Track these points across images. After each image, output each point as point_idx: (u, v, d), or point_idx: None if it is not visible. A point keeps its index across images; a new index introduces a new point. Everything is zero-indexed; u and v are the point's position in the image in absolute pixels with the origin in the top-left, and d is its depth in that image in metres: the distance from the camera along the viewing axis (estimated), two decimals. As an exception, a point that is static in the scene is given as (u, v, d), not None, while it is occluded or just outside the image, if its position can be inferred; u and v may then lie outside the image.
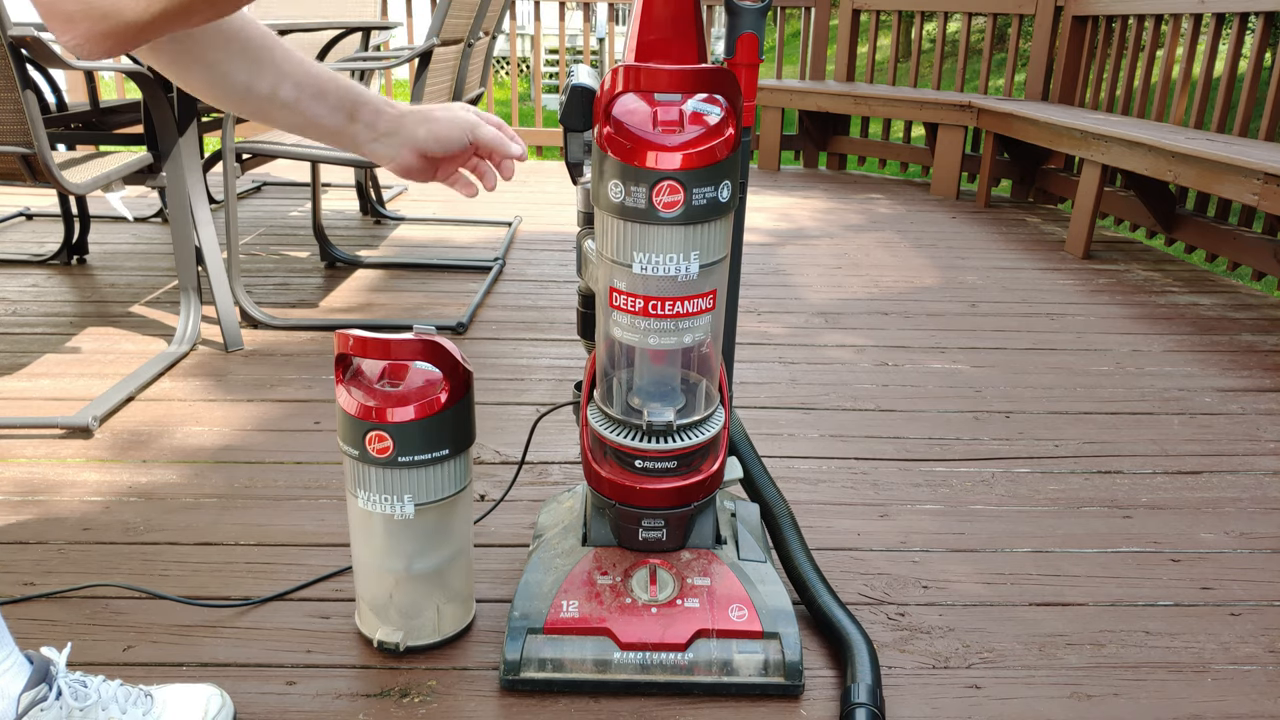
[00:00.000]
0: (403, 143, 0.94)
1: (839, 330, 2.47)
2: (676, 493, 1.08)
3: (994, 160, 4.10)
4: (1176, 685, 1.18)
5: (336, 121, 0.92)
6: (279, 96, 0.89)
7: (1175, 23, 3.48)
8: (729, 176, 0.94)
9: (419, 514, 1.11)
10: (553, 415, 1.85)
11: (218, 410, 1.87)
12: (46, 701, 0.90)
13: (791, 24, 11.65)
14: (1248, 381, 2.18)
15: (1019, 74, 4.70)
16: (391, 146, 0.94)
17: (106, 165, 1.92)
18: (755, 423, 1.89)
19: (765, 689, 1.12)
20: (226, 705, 1.05)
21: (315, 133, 0.93)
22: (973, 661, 1.21)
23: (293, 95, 0.89)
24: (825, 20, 4.91)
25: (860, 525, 1.53)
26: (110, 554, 1.38)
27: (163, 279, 2.72)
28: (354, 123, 0.92)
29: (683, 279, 0.96)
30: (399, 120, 0.93)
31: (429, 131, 0.94)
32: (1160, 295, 2.87)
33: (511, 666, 1.11)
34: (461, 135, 0.95)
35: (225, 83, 0.87)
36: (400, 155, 0.94)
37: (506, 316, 2.51)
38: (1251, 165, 2.49)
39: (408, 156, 0.94)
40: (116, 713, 0.95)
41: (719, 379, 1.11)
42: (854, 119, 4.80)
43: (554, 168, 4.84)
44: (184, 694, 1.03)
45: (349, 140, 0.93)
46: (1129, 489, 1.67)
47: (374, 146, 0.94)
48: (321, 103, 0.91)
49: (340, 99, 0.91)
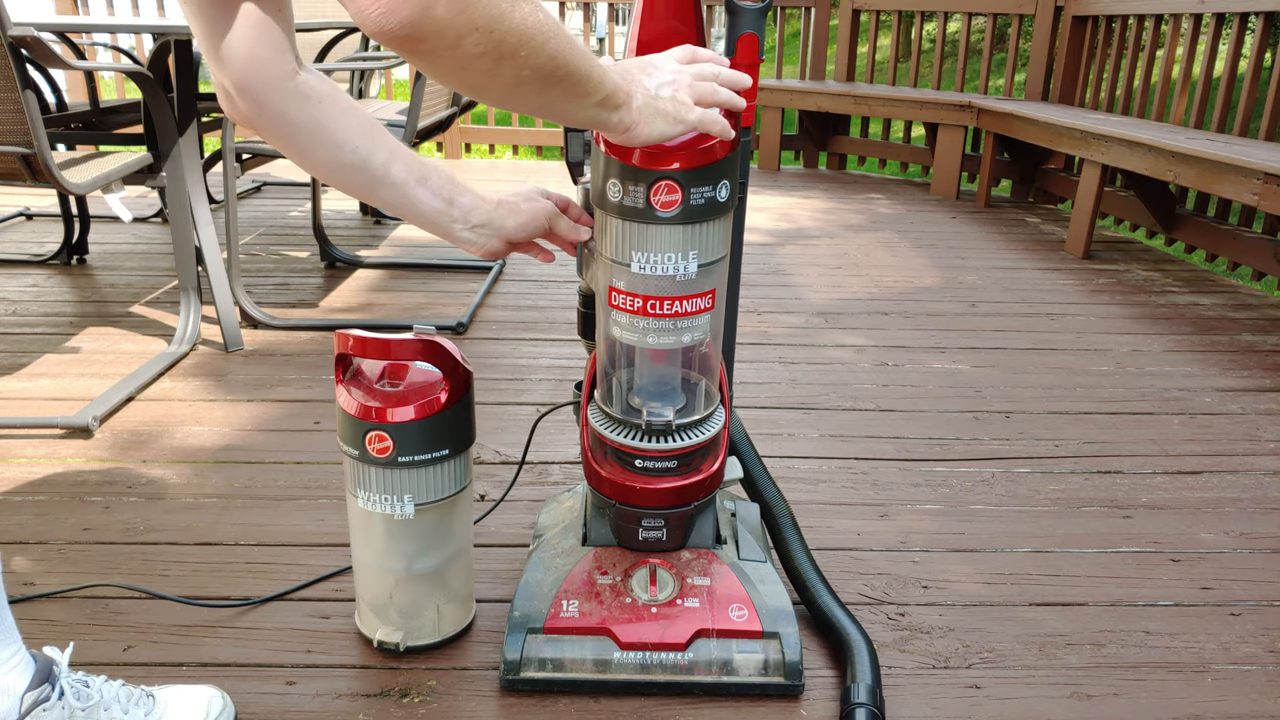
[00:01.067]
0: (493, 233, 0.99)
1: (839, 330, 2.47)
2: (676, 492, 1.08)
3: (994, 160, 4.10)
4: (1176, 685, 1.18)
5: (435, 206, 0.96)
6: (390, 175, 0.93)
7: (1175, 23, 3.48)
8: (727, 176, 0.94)
9: (419, 514, 1.11)
10: (553, 415, 1.85)
11: (218, 410, 1.87)
12: (49, 701, 0.91)
13: (791, 24, 11.65)
14: (1248, 381, 2.18)
15: (1019, 74, 4.71)
16: (483, 236, 0.99)
17: (106, 165, 1.93)
18: (755, 423, 1.89)
19: (765, 689, 1.12)
20: (227, 706, 1.05)
21: (413, 215, 0.97)
22: (973, 661, 1.21)
23: (401, 176, 0.93)
24: (825, 20, 4.91)
25: (860, 525, 1.53)
26: (110, 554, 1.38)
27: (163, 279, 2.73)
28: (451, 208, 0.97)
29: (681, 278, 0.96)
30: (492, 213, 0.99)
31: (517, 224, 1.00)
32: (1160, 295, 2.87)
33: (511, 666, 1.11)
34: (542, 226, 1.02)
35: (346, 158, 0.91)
36: (490, 244, 1.00)
37: (506, 316, 2.51)
38: (1251, 165, 2.49)
39: (496, 245, 1.00)
40: (119, 713, 0.96)
41: (719, 379, 1.11)
42: (854, 119, 4.80)
43: (554, 168, 4.85)
44: (185, 695, 1.03)
45: (444, 227, 0.98)
46: (1129, 489, 1.67)
47: (467, 235, 0.99)
48: (424, 186, 0.95)
49: (440, 186, 0.96)
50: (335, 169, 0.92)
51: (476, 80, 0.72)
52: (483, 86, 0.73)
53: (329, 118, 0.89)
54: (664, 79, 0.88)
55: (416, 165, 0.95)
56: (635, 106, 0.85)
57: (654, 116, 0.86)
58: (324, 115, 0.89)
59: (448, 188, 0.97)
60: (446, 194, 0.97)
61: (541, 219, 1.02)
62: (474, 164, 4.97)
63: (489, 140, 5.10)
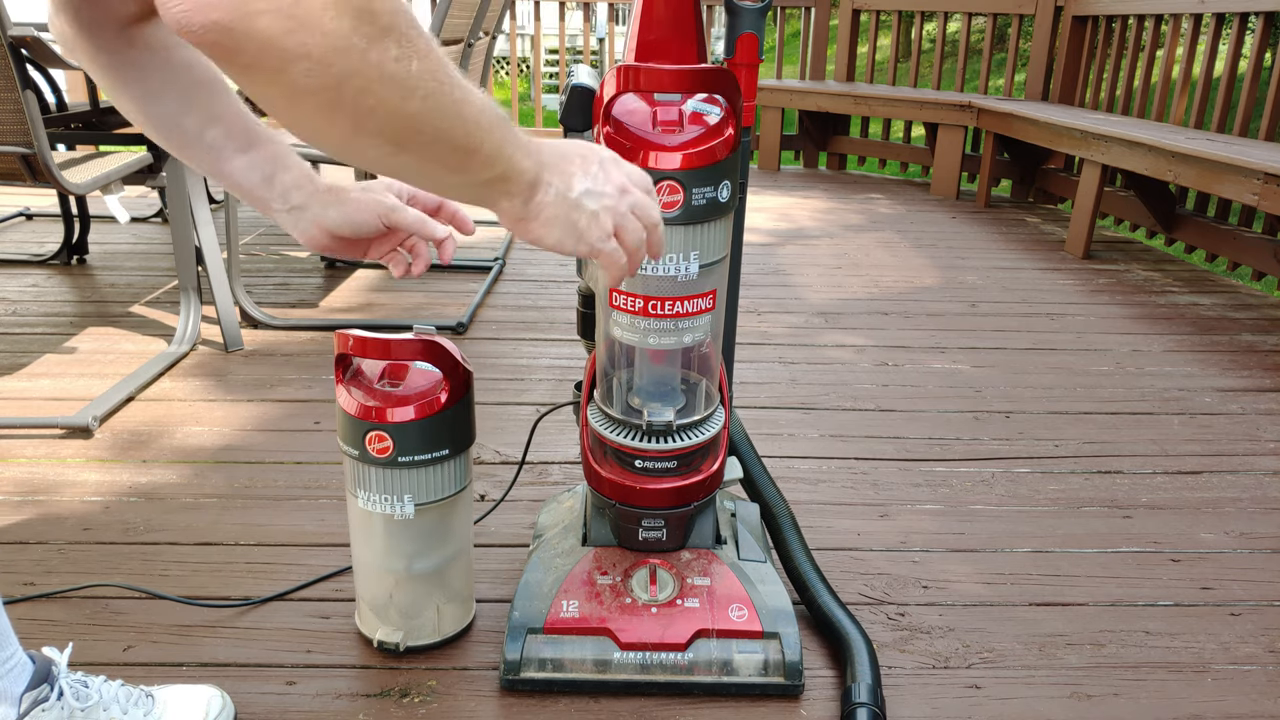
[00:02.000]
0: (313, 220, 0.88)
1: (839, 330, 2.47)
2: (676, 493, 1.08)
3: (994, 160, 4.10)
4: (1176, 685, 1.18)
5: (252, 179, 0.87)
6: (204, 138, 0.85)
7: (1175, 23, 3.48)
8: (728, 176, 0.94)
9: (419, 514, 1.11)
10: (553, 415, 1.85)
11: (218, 410, 1.87)
12: (48, 702, 0.90)
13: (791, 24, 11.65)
14: (1248, 381, 2.18)
15: (1019, 74, 4.70)
16: (302, 221, 0.88)
17: (106, 165, 1.93)
18: (755, 423, 1.89)
19: (765, 689, 1.12)
20: (227, 706, 1.05)
21: (230, 186, 0.88)
22: (973, 661, 1.21)
23: (218, 141, 0.85)
24: (825, 20, 4.91)
25: (860, 525, 1.53)
26: (110, 554, 1.38)
27: (163, 279, 2.73)
28: (269, 186, 0.87)
29: (682, 279, 0.96)
30: (312, 194, 0.88)
31: (341, 214, 0.88)
32: (1160, 295, 2.87)
33: (511, 666, 1.11)
34: (374, 220, 0.88)
35: (154, 108, 0.84)
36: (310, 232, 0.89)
37: (506, 316, 2.51)
38: (1251, 165, 2.49)
39: (318, 235, 0.89)
40: (118, 713, 0.95)
41: (719, 379, 1.11)
42: (854, 119, 4.80)
43: (554, 168, 4.84)
44: (185, 695, 1.03)
45: (262, 203, 0.88)
46: (1129, 489, 1.67)
47: (284, 217, 0.89)
48: (244, 155, 0.86)
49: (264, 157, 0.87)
50: (142, 118, 0.85)
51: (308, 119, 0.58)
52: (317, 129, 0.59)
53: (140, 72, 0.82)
54: (600, 189, 0.75)
55: (240, 133, 0.86)
56: (538, 201, 0.73)
57: (559, 221, 0.74)
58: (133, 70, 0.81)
59: (272, 162, 0.87)
60: (268, 169, 0.86)
61: (371, 215, 0.88)
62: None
63: (489, 140, 5.09)
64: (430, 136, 0.62)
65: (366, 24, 0.55)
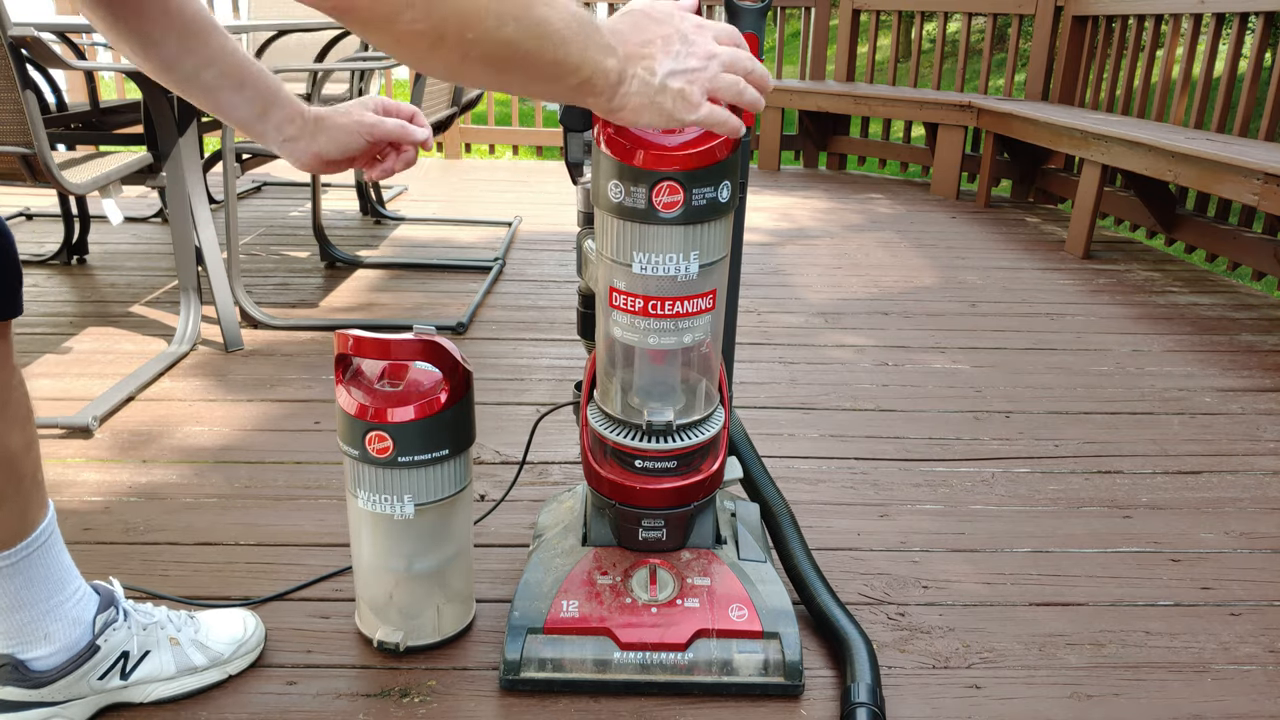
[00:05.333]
0: (306, 148, 0.98)
1: (839, 330, 2.47)
2: (676, 493, 1.08)
3: (994, 160, 4.10)
4: (1176, 685, 1.18)
5: (247, 114, 0.95)
6: (200, 78, 0.93)
7: (1175, 23, 3.48)
8: (729, 177, 0.94)
9: (419, 514, 1.11)
10: (553, 415, 1.85)
11: (218, 410, 1.87)
12: (117, 623, 1.04)
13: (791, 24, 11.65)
14: (1248, 381, 2.18)
15: (1019, 74, 4.70)
16: (297, 150, 0.98)
17: (106, 165, 1.93)
18: (755, 423, 1.89)
19: (765, 689, 1.12)
20: (260, 626, 1.18)
21: (228, 120, 0.97)
22: (973, 661, 1.21)
23: (214, 81, 0.93)
24: (825, 20, 4.91)
25: (860, 525, 1.53)
26: (110, 554, 1.38)
27: (163, 279, 2.72)
28: (264, 121, 0.96)
29: (682, 279, 0.96)
30: (303, 127, 0.97)
31: (330, 139, 0.98)
32: (1160, 295, 2.87)
33: (511, 666, 1.11)
34: (359, 140, 0.98)
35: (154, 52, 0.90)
36: (305, 159, 0.98)
37: (506, 316, 2.51)
38: (1251, 165, 2.49)
39: (312, 161, 0.99)
40: (173, 630, 1.10)
41: (719, 379, 1.11)
42: (854, 119, 4.80)
43: (554, 168, 4.85)
44: (222, 615, 1.16)
45: (259, 136, 0.97)
46: (1129, 489, 1.67)
47: (281, 147, 0.98)
48: (238, 93, 0.94)
49: (257, 94, 0.95)
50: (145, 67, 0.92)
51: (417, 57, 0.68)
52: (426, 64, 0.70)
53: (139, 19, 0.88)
54: (684, 66, 0.79)
55: (234, 72, 0.93)
56: (624, 92, 0.78)
57: (646, 108, 0.80)
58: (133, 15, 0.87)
59: (265, 96, 0.95)
60: (261, 103, 0.95)
61: (355, 135, 0.98)
62: (474, 164, 4.97)
63: (489, 140, 5.10)
64: (525, 56, 0.70)
65: None
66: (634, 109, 0.80)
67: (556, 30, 0.71)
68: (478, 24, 0.66)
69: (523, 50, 0.70)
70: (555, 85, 0.75)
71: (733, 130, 0.84)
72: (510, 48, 0.69)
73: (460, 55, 0.67)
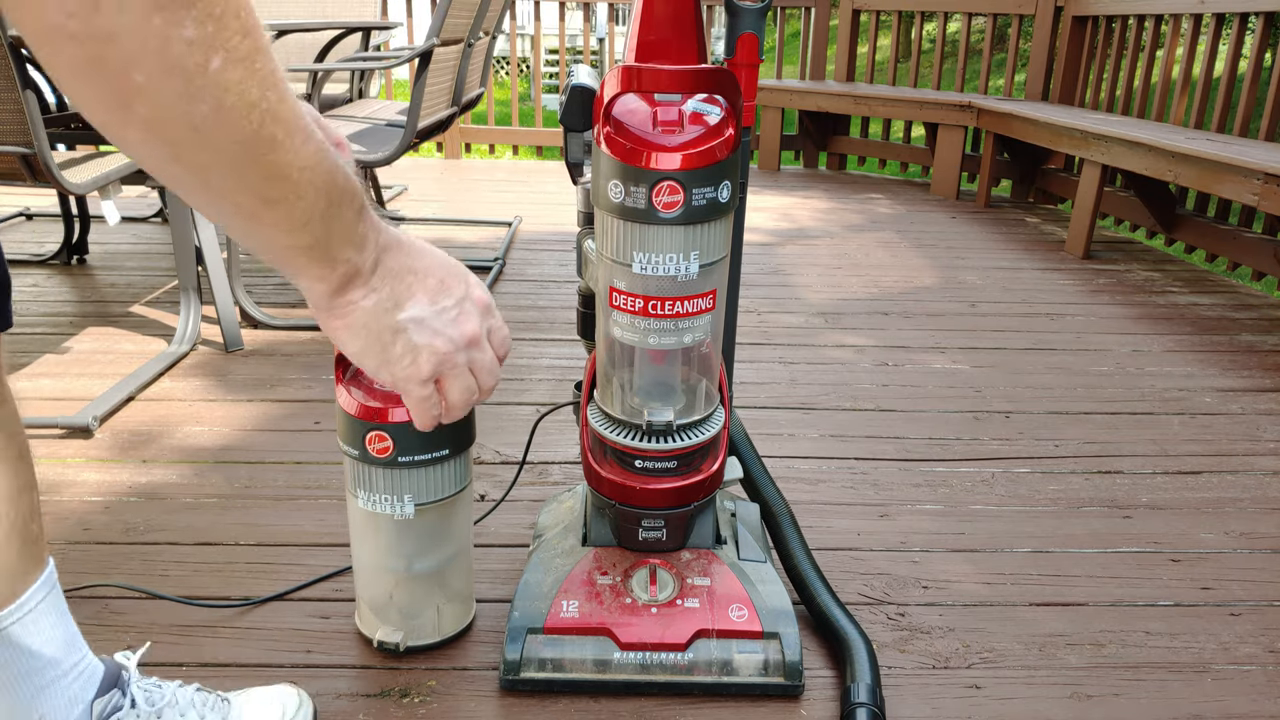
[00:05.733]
0: None
1: (839, 330, 2.47)
2: (676, 493, 1.08)
3: (994, 160, 4.10)
4: (1176, 685, 1.18)
5: None
6: None
7: (1175, 23, 3.48)
8: (729, 177, 0.94)
9: (419, 514, 1.11)
10: (553, 415, 1.85)
11: (218, 410, 1.87)
12: (122, 711, 0.88)
13: (791, 24, 11.65)
14: (1248, 381, 2.18)
15: (1019, 74, 4.70)
16: None
17: (106, 165, 1.92)
18: (755, 423, 1.89)
19: (765, 689, 1.12)
20: (305, 704, 1.04)
21: None
22: (973, 661, 1.21)
23: None
24: (825, 20, 4.90)
25: (860, 525, 1.53)
26: (110, 554, 1.38)
27: (163, 279, 2.72)
28: None
29: (682, 279, 0.96)
30: None
31: None
32: (1160, 295, 2.87)
33: (511, 666, 1.11)
34: None
35: None
36: None
37: (506, 316, 2.50)
38: (1251, 165, 2.49)
39: None
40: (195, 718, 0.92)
41: (719, 379, 1.11)
42: (854, 119, 4.80)
43: (554, 168, 4.85)
44: (260, 697, 1.01)
45: None
46: (1129, 489, 1.67)
47: None
48: None
49: None
50: None
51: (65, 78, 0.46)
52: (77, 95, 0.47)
53: None
54: (439, 327, 0.64)
55: None
56: (348, 299, 0.60)
57: (363, 334, 0.62)
58: None
59: None
60: None
61: None
62: (474, 163, 4.97)
63: (489, 140, 5.10)
64: (216, 159, 0.49)
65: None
66: (351, 325, 0.61)
67: (288, 161, 0.51)
68: (152, 68, 0.45)
69: (216, 149, 0.49)
70: (252, 226, 0.54)
71: (427, 425, 0.70)
72: (196, 134, 0.47)
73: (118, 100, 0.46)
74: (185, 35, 0.44)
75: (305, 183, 0.53)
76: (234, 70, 0.47)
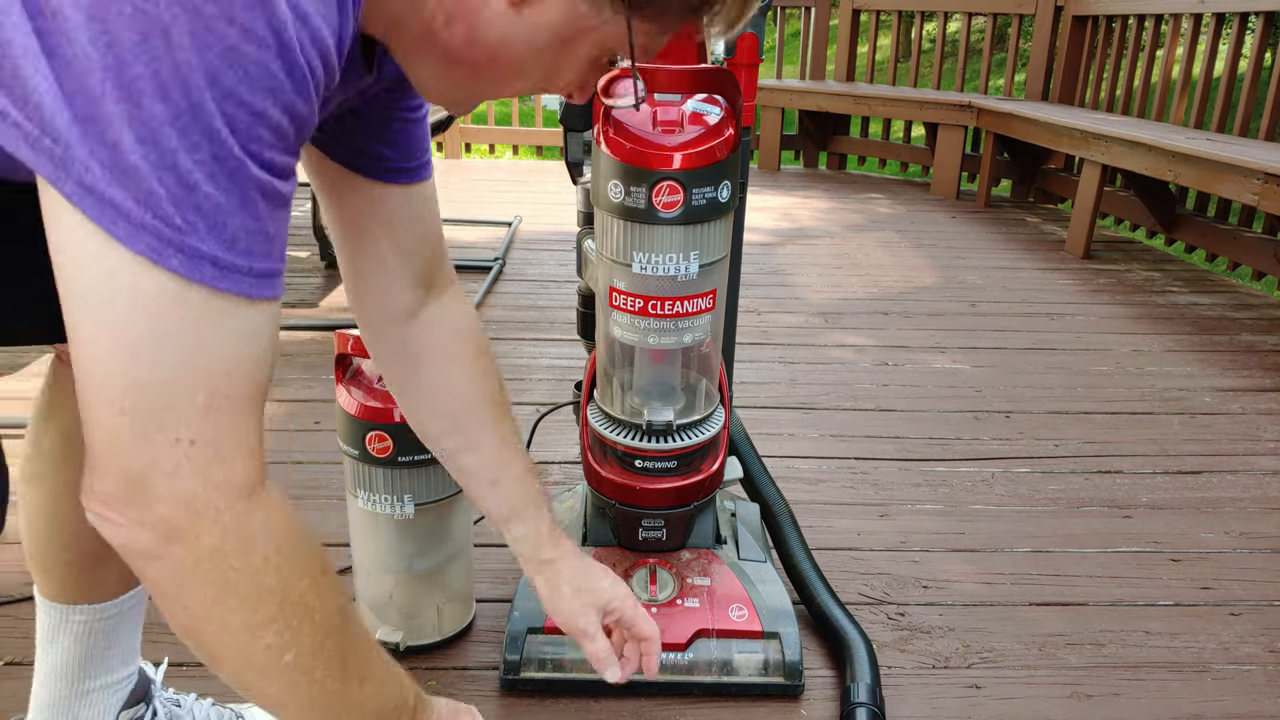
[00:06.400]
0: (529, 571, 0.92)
1: (839, 330, 2.47)
2: (676, 493, 1.08)
3: (994, 160, 4.10)
4: (1176, 685, 1.18)
5: (498, 514, 0.89)
6: (458, 460, 0.89)
7: (1175, 23, 3.48)
8: (729, 176, 0.94)
9: (419, 514, 1.11)
10: (553, 415, 1.85)
11: (218, 410, 1.87)
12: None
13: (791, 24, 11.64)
14: (1248, 381, 2.18)
15: (1019, 74, 4.70)
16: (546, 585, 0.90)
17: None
18: (755, 423, 1.89)
19: (765, 689, 1.12)
20: None
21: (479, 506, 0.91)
22: (973, 661, 1.21)
23: (473, 468, 0.88)
24: (825, 20, 4.90)
25: (860, 525, 1.53)
26: (110, 554, 1.37)
27: (163, 279, 2.72)
28: (506, 525, 0.89)
29: (682, 279, 0.96)
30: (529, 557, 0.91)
31: (546, 582, 0.91)
32: (1160, 295, 2.87)
33: (511, 666, 1.11)
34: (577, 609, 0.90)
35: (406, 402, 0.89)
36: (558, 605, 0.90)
37: (506, 316, 2.51)
38: (1251, 165, 2.49)
39: None
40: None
41: (719, 379, 1.11)
42: (854, 119, 4.79)
43: (554, 168, 4.84)
44: None
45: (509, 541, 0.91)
46: (1129, 489, 1.67)
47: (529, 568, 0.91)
48: (494, 490, 0.88)
49: (508, 500, 0.88)
50: (411, 418, 0.89)
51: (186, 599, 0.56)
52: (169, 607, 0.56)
53: (417, 378, 0.85)
54: None
55: (494, 464, 0.87)
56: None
57: None
58: (413, 373, 0.84)
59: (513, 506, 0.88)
60: (506, 512, 0.88)
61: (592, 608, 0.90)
62: (474, 163, 4.97)
63: (489, 140, 5.10)
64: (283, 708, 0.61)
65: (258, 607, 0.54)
66: None
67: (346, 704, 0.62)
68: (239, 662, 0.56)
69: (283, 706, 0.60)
70: None
71: None
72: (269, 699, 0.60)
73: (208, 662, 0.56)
74: (265, 641, 0.55)
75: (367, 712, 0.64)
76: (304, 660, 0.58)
